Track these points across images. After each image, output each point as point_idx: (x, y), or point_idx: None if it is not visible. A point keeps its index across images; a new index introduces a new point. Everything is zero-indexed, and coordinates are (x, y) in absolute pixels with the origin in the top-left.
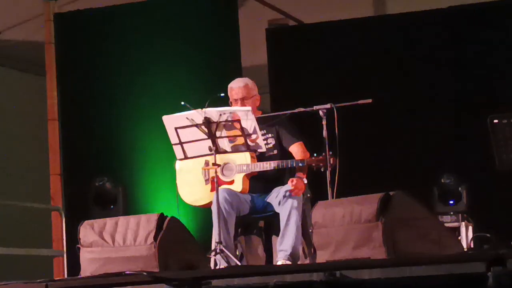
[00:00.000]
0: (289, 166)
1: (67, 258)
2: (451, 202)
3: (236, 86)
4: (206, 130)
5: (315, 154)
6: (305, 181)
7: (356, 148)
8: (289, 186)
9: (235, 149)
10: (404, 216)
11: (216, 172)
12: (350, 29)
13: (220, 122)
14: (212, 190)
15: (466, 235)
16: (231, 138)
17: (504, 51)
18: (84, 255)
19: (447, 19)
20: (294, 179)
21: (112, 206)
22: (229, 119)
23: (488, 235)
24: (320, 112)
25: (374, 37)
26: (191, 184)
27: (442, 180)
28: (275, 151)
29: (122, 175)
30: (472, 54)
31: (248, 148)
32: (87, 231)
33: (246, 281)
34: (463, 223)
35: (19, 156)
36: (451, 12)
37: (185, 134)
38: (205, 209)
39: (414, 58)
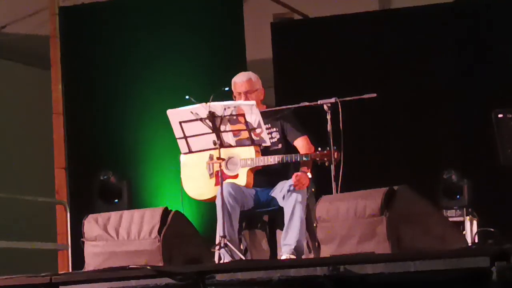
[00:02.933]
0: (294, 160)
1: (71, 252)
2: (457, 197)
3: (239, 80)
4: (210, 124)
5: (319, 149)
6: (310, 176)
7: (360, 142)
8: (293, 180)
9: (240, 143)
10: (408, 211)
11: (220, 166)
12: (355, 24)
13: (225, 116)
14: (216, 184)
15: (471, 230)
16: (236, 132)
17: (510, 45)
18: (88, 249)
19: (452, 13)
20: (298, 174)
21: (116, 200)
22: (234, 113)
23: (492, 229)
24: (325, 107)
25: (379, 31)
26: (196, 178)
27: (443, 176)
28: (280, 145)
29: (127, 169)
30: (477, 48)
31: (252, 142)
32: (91, 225)
33: (250, 275)
34: (468, 217)
35: (24, 150)
36: (456, 6)
37: (190, 128)
38: (210, 203)
39: (419, 52)
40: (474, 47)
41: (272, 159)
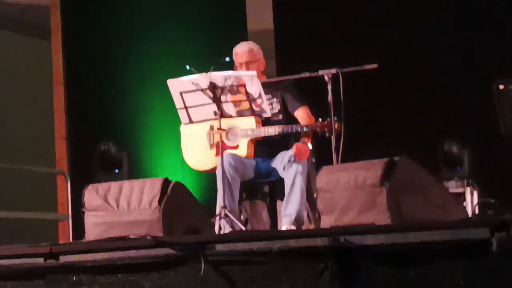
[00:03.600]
0: (294, 131)
1: (72, 222)
2: (458, 168)
3: (241, 50)
4: (211, 94)
5: (320, 119)
6: (310, 146)
7: (361, 113)
8: (293, 151)
9: (240, 114)
10: (408, 182)
11: (221, 136)
12: None
13: (225, 86)
14: (217, 154)
15: (471, 201)
16: (236, 103)
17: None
18: (89, 219)
19: None
20: (299, 144)
21: (117, 171)
22: (234, 83)
23: (492, 200)
24: (326, 77)
25: (380, 2)
26: (196, 149)
27: (444, 147)
28: (280, 116)
29: (127, 139)
30: (478, 17)
31: (253, 113)
32: (91, 195)
33: (250, 245)
34: (468, 188)
35: (24, 120)
36: None
37: (190, 99)
38: (210, 174)
39: (420, 22)
40: (476, 17)
41: (273, 130)
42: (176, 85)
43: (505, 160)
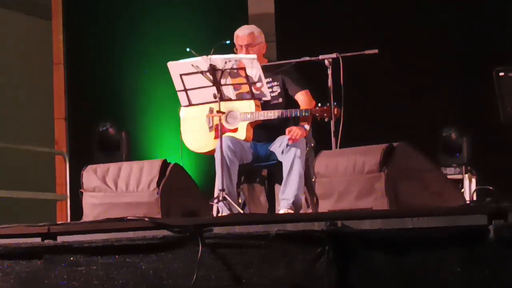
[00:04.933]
0: (293, 115)
1: (70, 202)
2: (457, 154)
3: (242, 34)
4: (211, 77)
5: (319, 104)
6: (306, 128)
7: (361, 98)
8: (287, 134)
9: (240, 97)
10: (407, 168)
11: (220, 119)
12: None
13: (225, 69)
14: (215, 137)
15: (469, 188)
16: (236, 86)
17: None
18: (87, 200)
19: None
20: (293, 128)
21: (115, 152)
22: (234, 66)
23: (490, 188)
24: (326, 62)
25: None
26: (195, 131)
27: (443, 133)
28: (280, 100)
29: (126, 120)
30: (478, 3)
31: (252, 96)
32: (90, 176)
33: (247, 229)
34: (466, 175)
35: (24, 100)
36: None
37: (190, 81)
38: (209, 156)
39: (421, 9)
40: (476, 3)
41: (272, 114)
42: (176, 67)
43: (504, 147)
